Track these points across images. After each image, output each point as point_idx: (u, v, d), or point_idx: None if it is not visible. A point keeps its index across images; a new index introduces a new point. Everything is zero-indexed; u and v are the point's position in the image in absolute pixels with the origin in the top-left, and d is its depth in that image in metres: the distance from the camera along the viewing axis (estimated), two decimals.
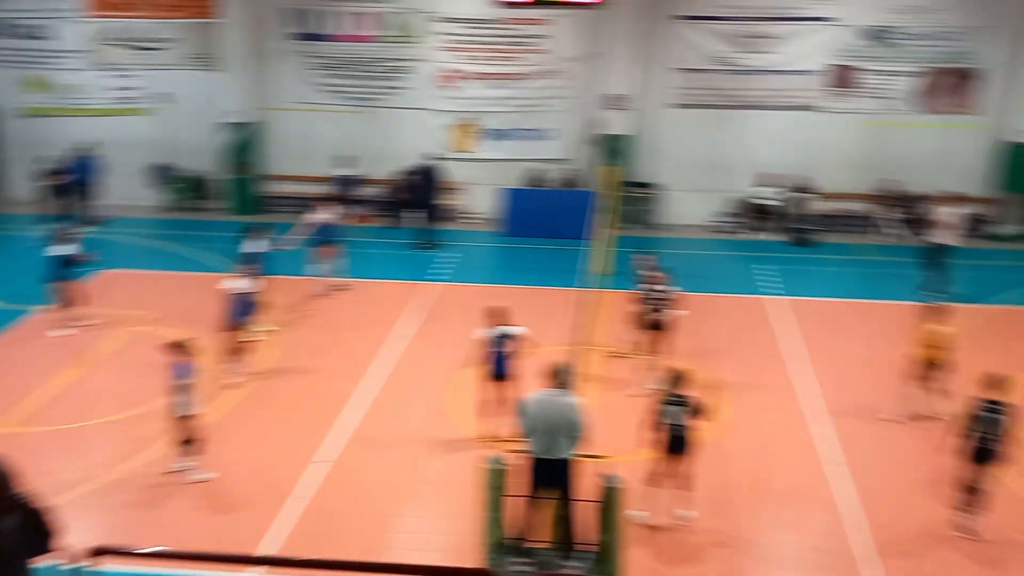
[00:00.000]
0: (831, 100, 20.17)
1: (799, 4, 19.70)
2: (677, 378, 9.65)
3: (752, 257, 19.24)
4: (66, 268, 14.28)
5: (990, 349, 13.97)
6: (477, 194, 21.32)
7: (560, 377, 8.65)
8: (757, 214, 20.34)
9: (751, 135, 20.51)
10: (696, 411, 9.56)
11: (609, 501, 8.35)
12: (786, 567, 9.68)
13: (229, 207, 21.54)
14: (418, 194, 19.84)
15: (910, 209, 20.02)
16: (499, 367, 11.37)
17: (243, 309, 12.83)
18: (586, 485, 8.80)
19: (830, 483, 11.00)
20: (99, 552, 5.72)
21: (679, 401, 9.58)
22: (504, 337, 11.32)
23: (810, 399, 13.11)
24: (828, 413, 12.65)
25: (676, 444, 9.61)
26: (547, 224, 19.94)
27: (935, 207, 16.47)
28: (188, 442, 10.30)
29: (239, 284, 12.84)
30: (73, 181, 20.38)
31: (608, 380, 13.44)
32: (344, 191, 20.19)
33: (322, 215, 16.34)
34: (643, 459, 10.14)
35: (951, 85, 19.82)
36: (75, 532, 6.37)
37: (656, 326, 12.82)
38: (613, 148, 18.78)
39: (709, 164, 20.81)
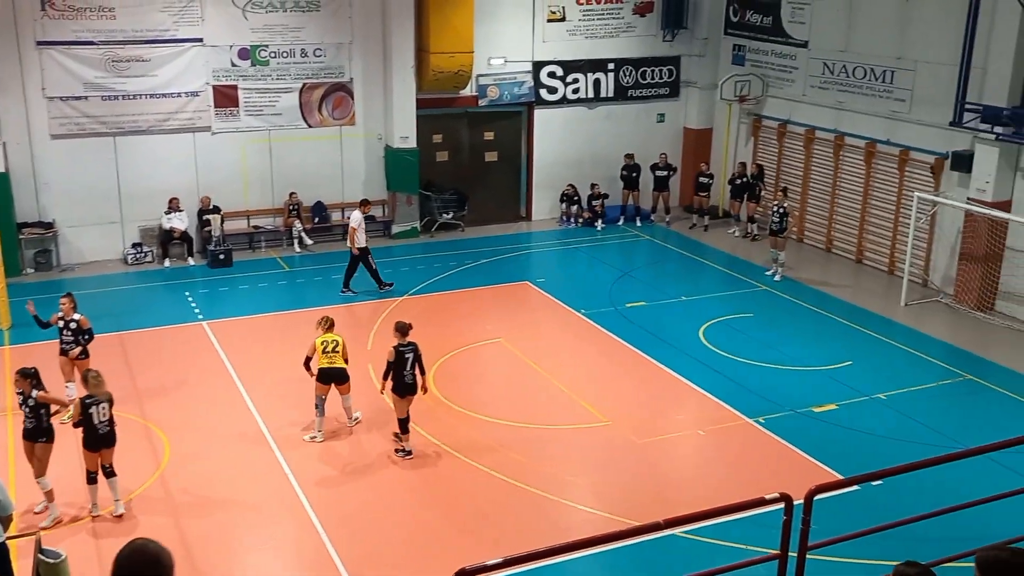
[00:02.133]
0: (222, 120, 20.29)
1: (167, 26, 19.39)
2: (93, 378, 10.48)
3: (173, 285, 18.69)
4: None
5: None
6: None
7: None
8: (171, 240, 19.76)
9: (150, 161, 19.79)
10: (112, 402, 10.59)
11: None
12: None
13: None
14: None
15: (321, 219, 21.09)
16: None
17: None
18: (26, 566, 7.81)
19: (289, 480, 11.21)
20: None
21: (102, 400, 10.40)
22: None
23: (253, 415, 13.19)
24: (271, 425, 12.85)
25: (102, 439, 10.50)
26: None
27: (349, 213, 17.40)
28: None
29: None
30: None
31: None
32: None
33: None
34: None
35: (329, 98, 21.12)
36: None
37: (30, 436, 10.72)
38: None
39: (110, 195, 19.64)
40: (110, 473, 10.68)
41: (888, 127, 19.55)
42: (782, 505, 5.19)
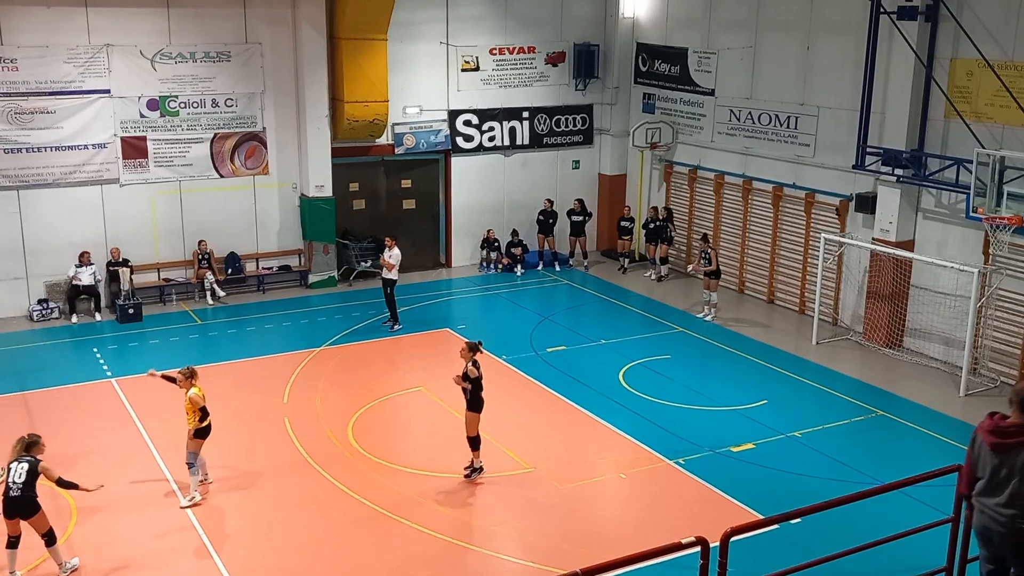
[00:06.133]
0: (130, 172, 19.85)
1: (72, 78, 18.96)
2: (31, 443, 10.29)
3: (81, 341, 18.09)
4: None
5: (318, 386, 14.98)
6: None
7: None
8: (78, 296, 19.16)
9: (56, 214, 19.23)
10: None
11: None
12: None
13: None
14: None
15: (234, 270, 20.71)
16: None
17: None
18: None
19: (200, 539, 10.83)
20: None
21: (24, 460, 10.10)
22: None
23: (164, 474, 12.77)
24: (183, 485, 12.44)
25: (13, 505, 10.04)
26: None
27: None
28: None
29: None
30: None
31: None
32: None
33: None
34: None
35: (241, 148, 20.85)
36: None
37: None
38: None
39: (14, 250, 18.99)
40: (50, 541, 10.32)
41: (794, 171, 20.12)
42: (699, 548, 5.19)
